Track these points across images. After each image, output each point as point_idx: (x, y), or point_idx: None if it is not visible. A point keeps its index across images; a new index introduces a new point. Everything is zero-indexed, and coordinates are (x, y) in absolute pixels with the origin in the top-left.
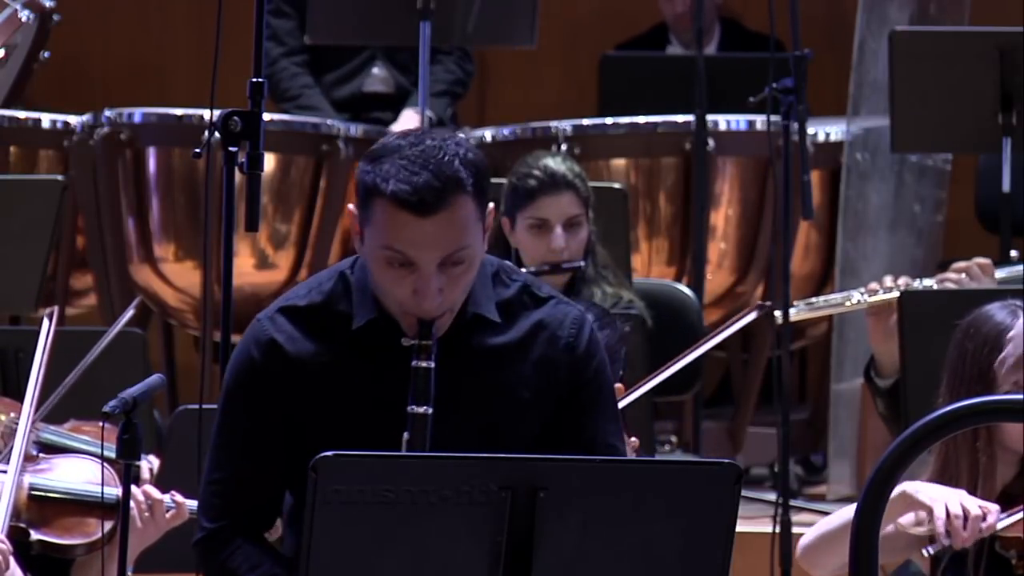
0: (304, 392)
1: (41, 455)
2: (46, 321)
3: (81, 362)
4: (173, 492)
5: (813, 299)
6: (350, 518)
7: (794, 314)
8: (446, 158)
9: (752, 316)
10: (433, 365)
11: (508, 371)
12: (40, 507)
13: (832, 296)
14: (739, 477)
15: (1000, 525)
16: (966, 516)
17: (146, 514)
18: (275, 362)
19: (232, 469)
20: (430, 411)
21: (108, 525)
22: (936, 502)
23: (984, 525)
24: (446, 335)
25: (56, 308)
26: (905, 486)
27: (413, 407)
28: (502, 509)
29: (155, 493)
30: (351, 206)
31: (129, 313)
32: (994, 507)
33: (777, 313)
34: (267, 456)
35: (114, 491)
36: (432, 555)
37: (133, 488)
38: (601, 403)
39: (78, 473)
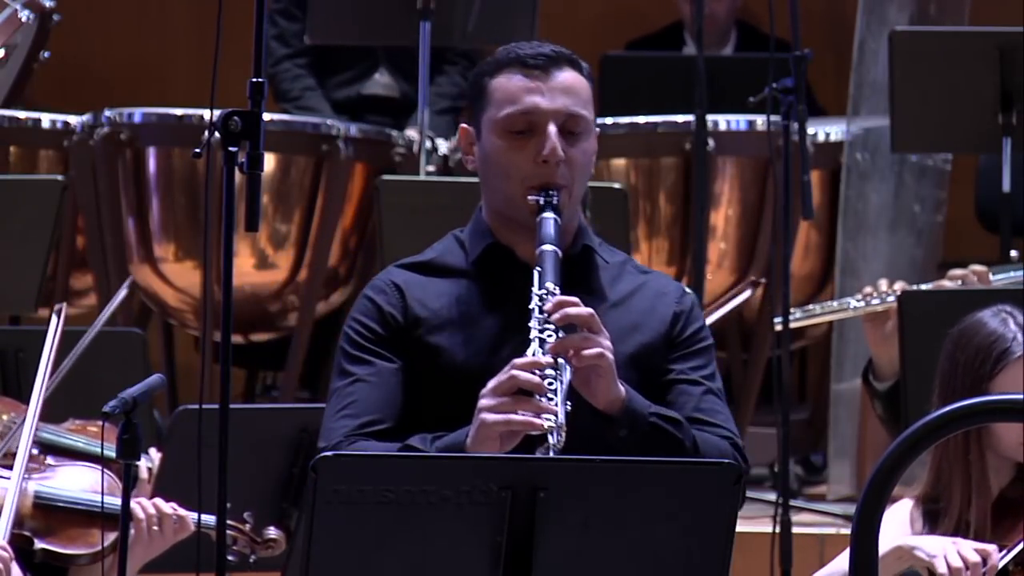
0: (427, 323)
1: (46, 462)
2: (54, 318)
3: (77, 345)
4: (175, 505)
5: (810, 306)
6: (350, 518)
7: (791, 323)
8: (565, 49)
9: (747, 293)
10: (558, 218)
11: (623, 314)
12: (45, 516)
13: (829, 303)
14: (739, 477)
15: (1001, 563)
16: (967, 565)
17: (154, 528)
18: (398, 300)
19: (359, 396)
20: (559, 252)
21: (111, 536)
22: (936, 558)
23: (986, 568)
24: (565, 265)
25: (64, 305)
26: (899, 542)
27: (541, 247)
28: (502, 509)
29: (163, 507)
30: (464, 125)
31: (122, 293)
32: (992, 547)
33: (777, 320)
34: (396, 384)
35: (117, 501)
36: (432, 555)
37: (142, 501)
38: (707, 357)
39: (83, 481)
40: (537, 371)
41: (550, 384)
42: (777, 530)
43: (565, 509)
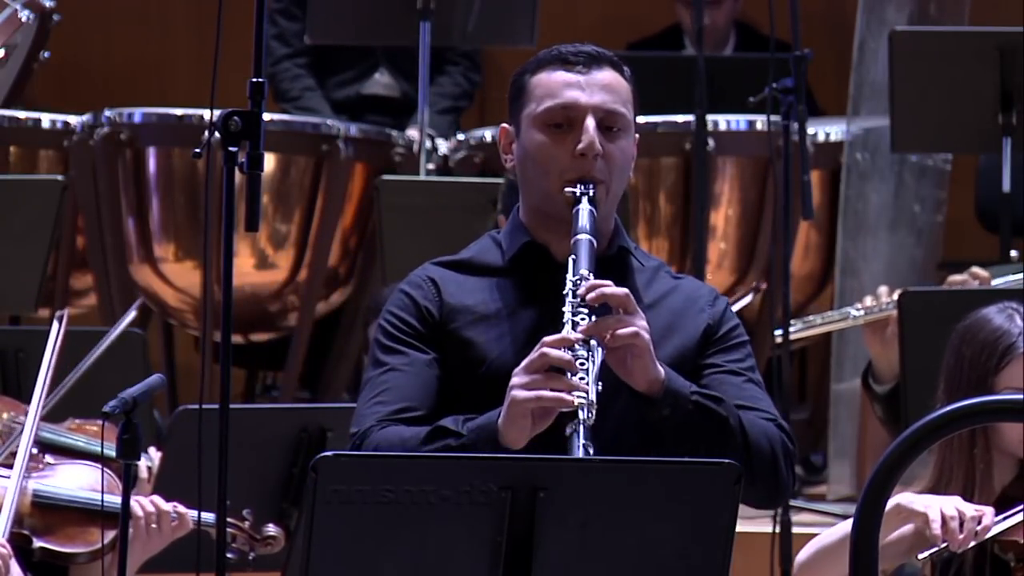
0: (463, 318)
1: (45, 460)
2: (56, 324)
3: (81, 363)
4: (176, 504)
5: (810, 317)
6: (350, 518)
7: (792, 335)
8: (607, 51)
9: (748, 299)
10: (593, 209)
11: (658, 315)
12: (43, 514)
13: (829, 314)
14: (739, 477)
15: (995, 529)
16: (961, 519)
17: (153, 526)
18: (434, 295)
19: (393, 384)
20: (594, 241)
21: (110, 534)
22: (931, 508)
23: (979, 527)
24: (600, 266)
25: (67, 311)
26: (898, 498)
27: (576, 236)
28: (502, 509)
29: (161, 504)
30: (504, 125)
31: (131, 315)
32: (989, 509)
33: (777, 332)
34: (431, 375)
35: (116, 499)
36: (432, 555)
37: (140, 499)
38: (745, 351)
39: (82, 480)
40: (568, 350)
41: (581, 364)
42: (777, 530)
43: (565, 509)
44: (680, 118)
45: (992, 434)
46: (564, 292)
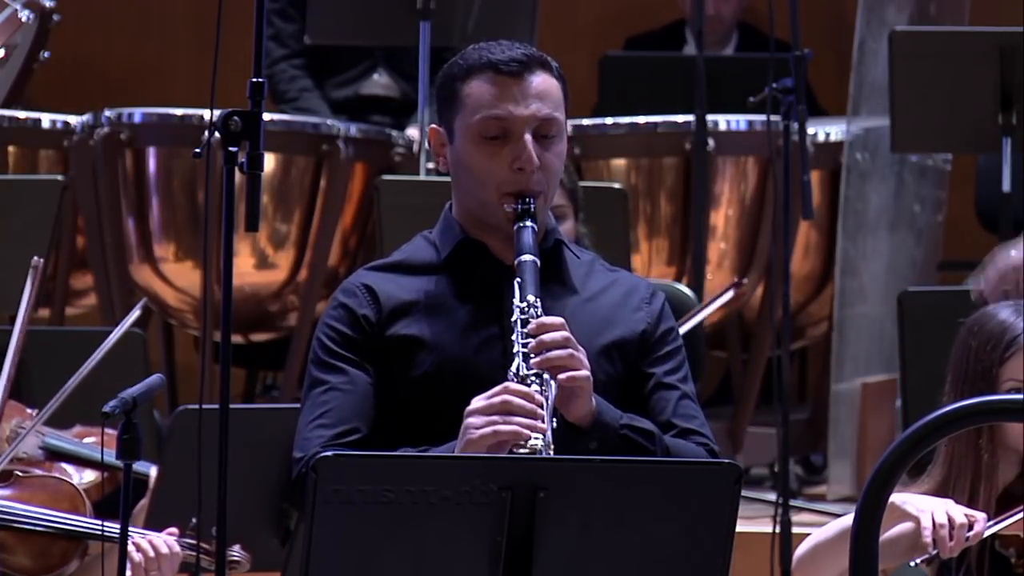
0: (402, 317)
1: (16, 473)
2: (31, 273)
3: (83, 365)
4: (169, 540)
5: None
6: (350, 518)
7: None
8: (535, 50)
9: (728, 295)
10: (535, 226)
11: (596, 308)
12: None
13: None
14: (739, 477)
15: (987, 533)
16: (951, 525)
17: (153, 573)
18: (369, 301)
19: (334, 405)
20: (538, 262)
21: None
22: (923, 512)
23: (970, 534)
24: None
25: (41, 260)
26: (893, 497)
27: (520, 257)
28: (502, 509)
29: (162, 546)
30: (434, 125)
31: (135, 315)
32: (981, 515)
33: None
34: (370, 391)
35: (81, 518)
36: (432, 555)
37: (140, 542)
38: (679, 359)
39: (44, 498)
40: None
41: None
42: (777, 530)
43: (565, 509)
44: (680, 118)
45: (996, 426)
46: (512, 320)
